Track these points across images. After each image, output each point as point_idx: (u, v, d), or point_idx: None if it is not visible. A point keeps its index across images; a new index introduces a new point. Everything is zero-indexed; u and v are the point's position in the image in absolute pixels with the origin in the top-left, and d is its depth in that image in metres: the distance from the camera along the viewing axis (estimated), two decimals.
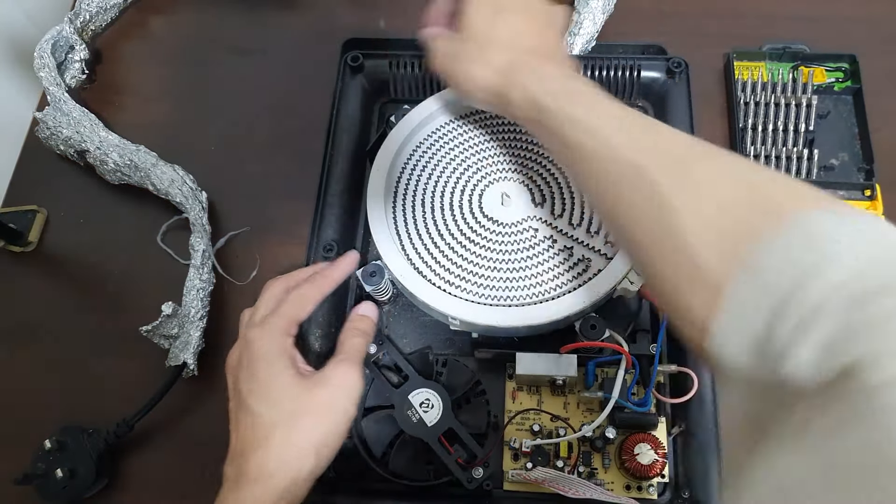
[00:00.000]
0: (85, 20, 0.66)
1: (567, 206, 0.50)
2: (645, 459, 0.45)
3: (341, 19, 0.69)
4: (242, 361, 0.41)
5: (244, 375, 0.41)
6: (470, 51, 0.44)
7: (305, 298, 0.44)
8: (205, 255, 0.55)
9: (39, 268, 0.60)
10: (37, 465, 0.49)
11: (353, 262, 0.47)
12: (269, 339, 0.41)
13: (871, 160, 0.56)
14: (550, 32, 0.45)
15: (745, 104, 0.59)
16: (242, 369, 0.41)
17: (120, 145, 0.59)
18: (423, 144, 0.53)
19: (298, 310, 0.43)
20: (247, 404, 0.40)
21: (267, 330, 0.42)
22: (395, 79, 0.58)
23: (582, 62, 0.57)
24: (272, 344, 0.41)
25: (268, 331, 0.42)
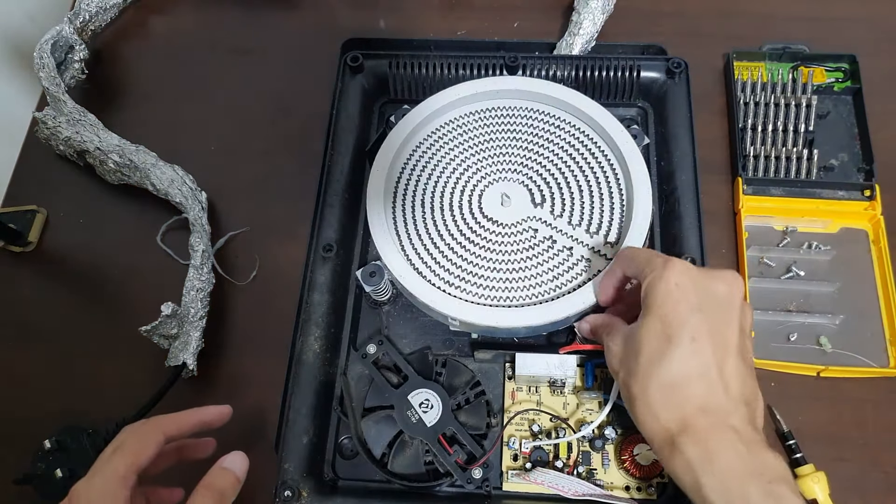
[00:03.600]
0: (85, 20, 0.66)
1: (567, 207, 0.50)
2: (644, 460, 0.45)
3: (341, 19, 0.69)
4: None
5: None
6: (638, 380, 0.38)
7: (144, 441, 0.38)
8: (204, 256, 0.55)
9: (39, 268, 0.60)
10: (37, 465, 0.49)
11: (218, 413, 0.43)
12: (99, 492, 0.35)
13: (871, 160, 0.56)
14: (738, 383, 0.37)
15: (744, 104, 0.59)
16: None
17: (120, 145, 0.59)
18: (423, 144, 0.53)
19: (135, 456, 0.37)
20: None
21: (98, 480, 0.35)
22: (395, 79, 0.58)
23: (582, 62, 0.57)
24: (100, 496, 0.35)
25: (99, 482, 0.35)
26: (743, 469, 0.34)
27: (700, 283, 0.38)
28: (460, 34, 0.67)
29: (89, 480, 0.36)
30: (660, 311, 0.37)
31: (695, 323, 0.37)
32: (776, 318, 0.53)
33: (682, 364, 0.36)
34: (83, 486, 0.35)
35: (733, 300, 0.38)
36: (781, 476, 0.34)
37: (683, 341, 0.36)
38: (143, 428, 0.39)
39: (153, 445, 0.38)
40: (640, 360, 0.38)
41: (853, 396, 0.51)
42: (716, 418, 0.36)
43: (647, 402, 0.37)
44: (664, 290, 0.38)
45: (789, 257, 0.55)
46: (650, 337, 0.37)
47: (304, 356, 0.49)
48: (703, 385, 0.36)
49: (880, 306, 0.53)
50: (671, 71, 0.57)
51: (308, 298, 0.51)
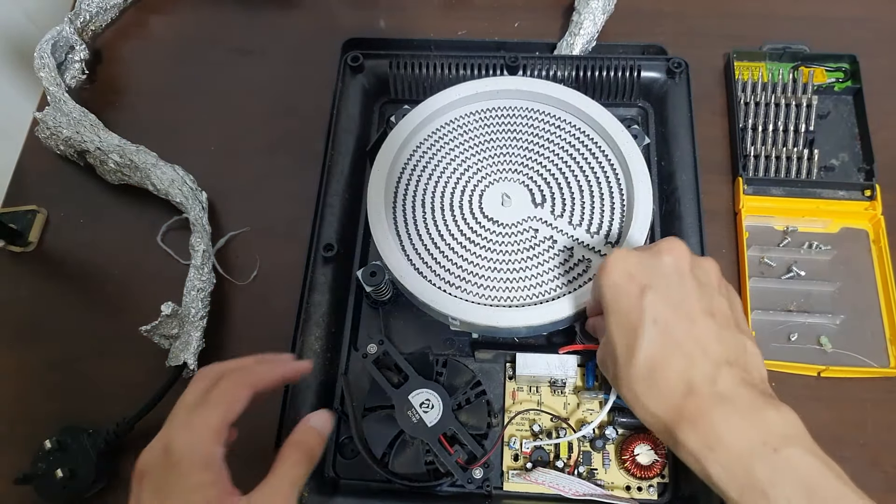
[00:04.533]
0: (85, 20, 0.66)
1: (567, 207, 0.50)
2: (645, 459, 0.45)
3: (341, 19, 0.69)
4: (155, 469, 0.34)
5: (153, 486, 0.33)
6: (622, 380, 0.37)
7: (236, 393, 0.36)
8: (205, 255, 0.55)
9: (39, 268, 0.60)
10: (37, 465, 0.49)
11: (300, 369, 0.41)
12: (195, 445, 0.34)
13: (871, 160, 0.56)
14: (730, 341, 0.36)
15: (745, 104, 0.59)
16: (153, 478, 0.33)
17: (120, 145, 0.59)
18: (424, 144, 0.53)
19: (228, 408, 0.36)
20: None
21: (194, 431, 0.34)
22: (395, 79, 0.58)
23: (582, 62, 0.57)
24: (197, 451, 0.34)
25: (195, 433, 0.34)
26: (745, 446, 0.33)
27: (644, 262, 0.37)
28: (461, 34, 0.67)
29: (180, 432, 0.34)
30: (615, 305, 0.37)
31: (650, 304, 0.36)
32: (776, 318, 0.53)
33: (652, 349, 0.35)
34: (177, 439, 0.34)
35: (681, 266, 0.37)
36: (787, 436, 0.33)
37: (647, 326, 0.35)
38: (233, 380, 0.37)
39: (243, 401, 0.37)
40: (617, 359, 0.37)
41: (853, 396, 0.51)
42: (702, 395, 0.34)
43: (637, 400, 0.36)
44: (611, 283, 0.37)
45: (790, 257, 0.55)
46: (617, 333, 0.37)
47: (304, 356, 0.49)
48: (680, 361, 0.35)
49: (880, 306, 0.53)
50: (671, 71, 0.57)
51: (308, 298, 0.51)
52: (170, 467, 0.33)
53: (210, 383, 0.37)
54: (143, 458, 0.34)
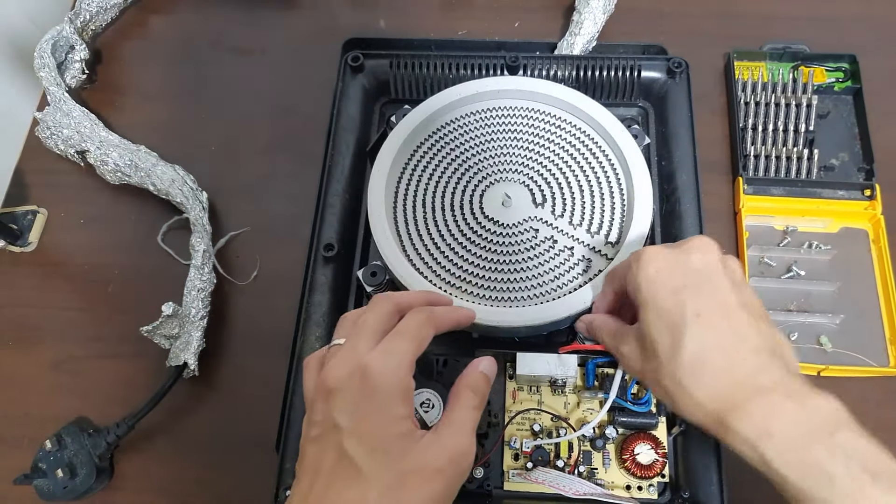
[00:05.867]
0: (85, 20, 0.66)
1: (567, 207, 0.50)
2: (645, 459, 0.45)
3: (341, 19, 0.69)
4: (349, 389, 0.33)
5: (348, 407, 0.33)
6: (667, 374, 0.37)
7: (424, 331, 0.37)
8: (205, 255, 0.55)
9: (39, 268, 0.60)
10: (37, 465, 0.49)
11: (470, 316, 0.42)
12: (395, 373, 0.34)
13: (871, 160, 0.56)
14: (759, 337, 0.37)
15: (745, 104, 0.59)
16: (347, 399, 0.33)
17: (120, 145, 0.59)
18: (424, 144, 0.53)
19: (419, 343, 0.36)
20: (341, 446, 0.32)
21: (393, 361, 0.34)
22: (395, 79, 0.58)
23: (583, 62, 0.57)
24: (397, 380, 0.34)
25: (394, 362, 0.34)
26: (803, 432, 0.33)
27: (678, 259, 0.38)
28: (461, 34, 0.67)
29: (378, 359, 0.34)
30: (654, 302, 0.37)
31: (690, 300, 0.37)
32: (776, 318, 0.53)
33: (698, 343, 0.36)
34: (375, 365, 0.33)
35: (712, 264, 0.38)
36: (840, 420, 0.34)
37: (689, 321, 0.36)
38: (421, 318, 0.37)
39: (428, 340, 0.37)
40: (659, 355, 0.37)
41: (853, 396, 0.50)
42: (753, 384, 0.35)
43: (684, 392, 0.36)
44: (646, 280, 0.38)
45: (790, 257, 0.55)
46: (659, 329, 0.37)
47: (304, 356, 0.49)
48: (726, 354, 0.36)
49: (880, 306, 0.53)
50: (672, 71, 0.57)
51: (309, 298, 0.51)
52: (369, 393, 0.33)
53: (390, 312, 0.37)
54: (335, 375, 0.34)
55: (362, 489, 0.31)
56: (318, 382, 0.35)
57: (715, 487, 0.45)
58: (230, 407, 0.53)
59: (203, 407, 0.53)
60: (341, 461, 0.32)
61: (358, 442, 0.32)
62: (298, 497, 0.33)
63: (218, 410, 0.53)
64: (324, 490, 0.32)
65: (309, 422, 0.35)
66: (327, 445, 0.33)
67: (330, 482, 0.32)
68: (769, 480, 0.34)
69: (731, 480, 0.45)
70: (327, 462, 0.32)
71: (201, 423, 0.53)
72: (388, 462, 0.32)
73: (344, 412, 0.33)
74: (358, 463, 0.32)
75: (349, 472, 0.32)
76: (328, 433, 0.33)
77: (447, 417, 0.35)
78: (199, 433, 0.52)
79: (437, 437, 0.34)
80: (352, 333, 0.36)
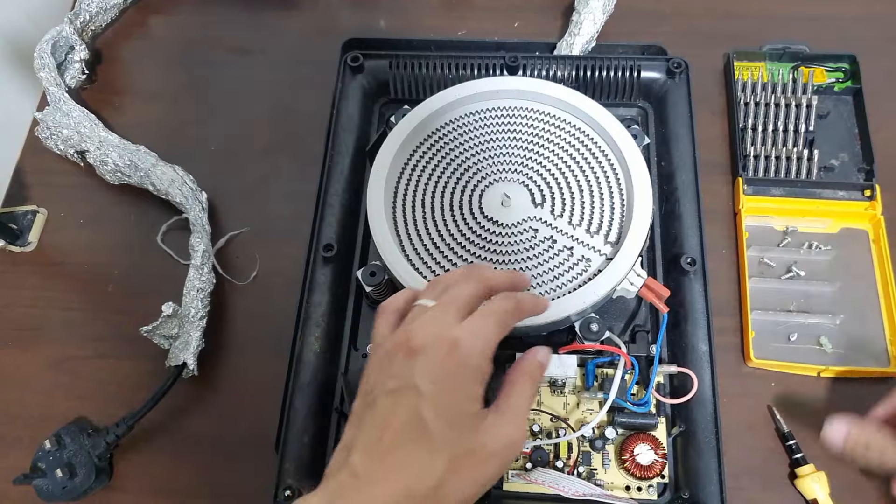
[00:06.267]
0: (85, 20, 0.66)
1: (567, 207, 0.50)
2: (644, 460, 0.45)
3: (341, 19, 0.69)
4: (435, 357, 0.34)
5: (431, 374, 0.33)
6: None
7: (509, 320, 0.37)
8: (205, 256, 0.55)
9: (39, 268, 0.60)
10: (37, 465, 0.49)
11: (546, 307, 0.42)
12: (482, 354, 0.34)
13: (871, 160, 0.56)
14: None
15: (745, 104, 0.59)
16: (432, 365, 0.33)
17: (120, 145, 0.59)
18: (424, 144, 0.53)
19: (503, 331, 0.36)
20: (418, 410, 0.32)
21: (481, 342, 0.35)
22: (395, 79, 0.58)
23: (582, 62, 0.57)
24: (482, 362, 0.34)
25: (481, 343, 0.35)
26: None
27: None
28: (460, 34, 0.67)
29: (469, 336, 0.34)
30: None
31: None
32: (776, 318, 0.53)
33: None
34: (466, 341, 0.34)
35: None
36: None
37: None
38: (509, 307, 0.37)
39: (511, 327, 0.37)
40: None
41: (853, 396, 0.51)
42: None
43: None
44: None
45: (789, 257, 0.55)
46: None
47: (304, 356, 0.49)
48: None
49: (880, 306, 0.53)
50: (671, 71, 0.57)
51: (308, 298, 0.51)
52: (454, 368, 0.34)
53: (481, 291, 0.37)
54: (423, 337, 0.34)
55: (432, 457, 0.32)
56: (402, 337, 0.35)
57: (715, 488, 0.44)
58: (229, 407, 0.53)
59: (202, 407, 0.53)
60: (414, 423, 0.32)
61: (436, 412, 0.32)
62: (365, 445, 0.33)
63: (217, 410, 0.53)
64: (392, 446, 0.32)
65: (383, 372, 0.35)
66: (403, 403, 0.33)
67: (400, 440, 0.32)
68: None
69: (730, 480, 0.45)
70: (399, 419, 0.33)
71: (201, 423, 0.53)
72: (459, 437, 0.33)
73: (426, 378, 0.33)
74: (432, 431, 0.32)
75: (421, 436, 0.32)
76: (406, 391, 0.33)
77: (505, 402, 0.35)
78: (198, 433, 0.52)
79: (497, 420, 0.34)
80: (441, 302, 0.36)
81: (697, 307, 0.49)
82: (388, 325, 0.37)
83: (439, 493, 0.32)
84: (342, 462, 0.33)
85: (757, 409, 0.51)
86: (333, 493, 0.32)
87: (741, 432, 0.50)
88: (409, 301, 0.39)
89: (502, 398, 0.36)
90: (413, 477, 0.32)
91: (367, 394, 0.35)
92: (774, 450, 0.50)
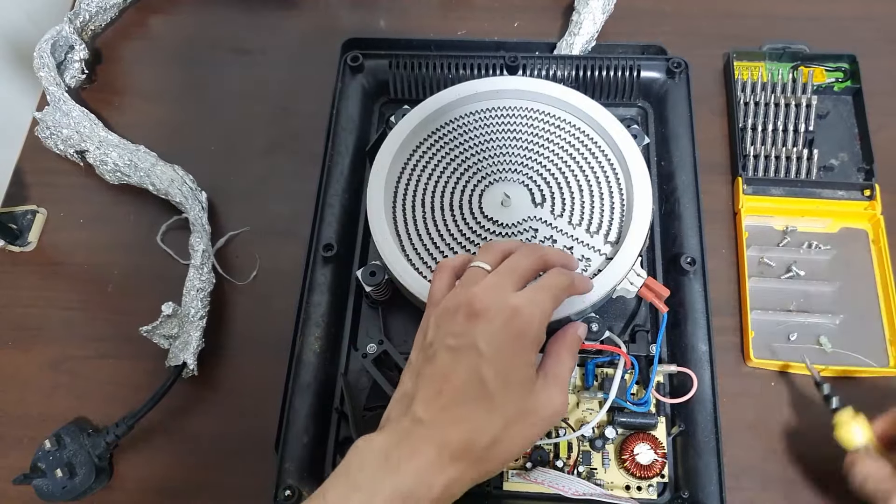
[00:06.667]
0: (85, 20, 0.66)
1: (567, 206, 0.50)
2: (644, 459, 0.45)
3: (341, 19, 0.69)
4: (496, 321, 0.35)
5: (492, 337, 0.35)
6: None
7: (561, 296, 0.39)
8: (205, 255, 0.55)
9: (39, 268, 0.60)
10: (37, 464, 0.49)
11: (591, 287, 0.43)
12: (540, 324, 0.36)
13: (871, 160, 0.56)
14: None
15: (744, 104, 0.59)
16: (493, 329, 0.35)
17: (120, 145, 0.59)
18: (423, 144, 0.53)
19: (558, 303, 0.38)
20: (479, 369, 0.34)
21: (539, 312, 0.36)
22: (395, 79, 0.58)
23: (582, 62, 0.57)
24: (540, 330, 0.36)
25: (539, 314, 0.36)
26: None
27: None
28: (460, 34, 0.67)
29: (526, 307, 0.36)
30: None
31: None
32: (776, 318, 0.53)
33: None
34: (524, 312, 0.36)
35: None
36: None
37: None
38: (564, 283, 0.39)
39: (562, 301, 0.39)
40: None
41: (853, 396, 0.50)
42: None
43: None
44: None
45: (789, 257, 0.55)
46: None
47: (304, 356, 0.49)
48: None
49: (880, 306, 0.53)
50: (671, 71, 0.57)
51: (308, 298, 0.51)
52: (515, 334, 0.35)
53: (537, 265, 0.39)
54: (484, 301, 0.36)
55: (490, 415, 0.34)
56: (464, 298, 0.36)
57: (715, 487, 0.45)
58: (229, 407, 0.53)
59: (202, 407, 0.53)
60: (475, 382, 0.34)
61: (496, 373, 0.34)
62: (426, 396, 0.35)
63: (217, 410, 0.53)
64: (454, 400, 0.34)
65: (442, 328, 0.36)
66: (464, 361, 0.35)
67: (460, 397, 0.34)
68: None
69: (730, 480, 0.45)
70: (460, 376, 0.35)
71: (200, 423, 0.53)
72: (515, 399, 0.35)
73: (487, 340, 0.35)
74: (491, 390, 0.34)
75: (481, 394, 0.34)
76: (467, 350, 0.35)
77: (551, 371, 0.38)
78: (198, 433, 0.52)
79: (546, 386, 0.36)
80: (501, 269, 0.38)
81: (697, 307, 0.49)
82: (444, 284, 0.40)
83: (493, 448, 0.34)
84: (404, 409, 0.35)
85: (757, 408, 0.51)
86: (400, 434, 0.34)
87: (741, 432, 0.50)
88: (465, 263, 0.41)
89: (549, 366, 0.38)
90: (473, 431, 0.34)
91: (427, 347, 0.37)
92: (774, 450, 0.50)
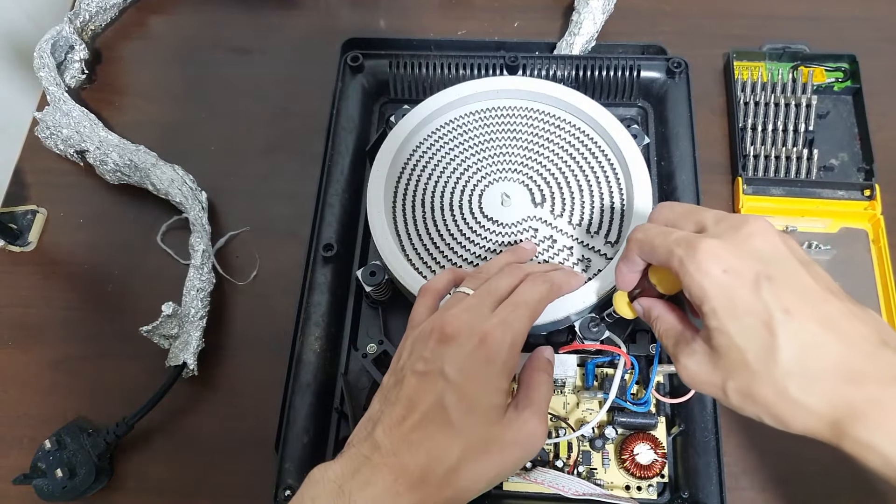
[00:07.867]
0: (85, 20, 0.66)
1: (567, 206, 0.50)
2: (644, 459, 0.45)
3: (341, 19, 0.69)
4: (465, 347, 0.35)
5: (459, 362, 0.35)
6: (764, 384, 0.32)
7: (538, 307, 0.38)
8: (205, 255, 0.55)
9: (39, 268, 0.60)
10: (37, 465, 0.49)
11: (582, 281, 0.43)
12: (511, 348, 0.36)
13: (871, 160, 0.56)
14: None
15: (744, 104, 0.59)
16: (461, 354, 0.35)
17: (120, 145, 0.59)
18: (423, 144, 0.53)
19: (536, 315, 0.38)
20: (442, 395, 0.34)
21: (510, 336, 0.36)
22: (395, 79, 0.58)
23: (582, 62, 0.57)
24: (508, 356, 0.36)
25: (510, 338, 0.36)
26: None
27: (740, 252, 0.33)
28: (460, 34, 0.67)
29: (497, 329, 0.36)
30: (731, 307, 0.32)
31: (772, 295, 0.32)
32: None
33: (797, 342, 0.31)
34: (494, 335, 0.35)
35: (777, 247, 0.33)
36: None
37: (779, 320, 0.31)
38: (542, 292, 0.39)
39: (543, 310, 0.39)
40: (751, 365, 0.32)
41: None
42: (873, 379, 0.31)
43: (793, 403, 0.32)
44: (715, 285, 0.33)
45: None
46: (744, 337, 0.32)
47: (304, 356, 0.49)
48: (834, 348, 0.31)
49: (880, 306, 0.53)
50: (671, 71, 0.57)
51: (308, 298, 0.51)
52: (481, 360, 0.35)
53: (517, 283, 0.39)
54: (456, 327, 0.36)
55: (449, 441, 0.34)
56: (437, 323, 0.37)
57: (715, 487, 0.45)
58: (229, 407, 0.53)
59: (202, 407, 0.53)
60: (438, 408, 0.34)
61: (458, 399, 0.34)
62: (389, 420, 0.35)
63: (217, 410, 0.53)
64: (415, 426, 0.34)
65: (415, 353, 0.37)
66: (429, 387, 0.35)
67: (423, 422, 0.34)
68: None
69: (730, 480, 0.45)
70: (425, 402, 0.35)
71: (200, 423, 0.53)
72: (477, 426, 0.34)
73: (454, 365, 0.35)
74: (452, 417, 0.34)
75: (442, 420, 0.34)
76: (433, 376, 0.35)
77: (527, 397, 0.37)
78: (198, 433, 0.52)
79: (519, 415, 0.36)
80: (480, 292, 0.38)
81: None
82: (426, 308, 0.39)
83: (453, 476, 0.33)
84: (366, 434, 0.35)
85: None
86: (357, 461, 0.34)
87: (741, 432, 0.50)
88: (449, 284, 0.41)
89: (521, 394, 0.37)
90: (431, 458, 0.33)
91: (398, 371, 0.37)
92: (775, 450, 0.50)
